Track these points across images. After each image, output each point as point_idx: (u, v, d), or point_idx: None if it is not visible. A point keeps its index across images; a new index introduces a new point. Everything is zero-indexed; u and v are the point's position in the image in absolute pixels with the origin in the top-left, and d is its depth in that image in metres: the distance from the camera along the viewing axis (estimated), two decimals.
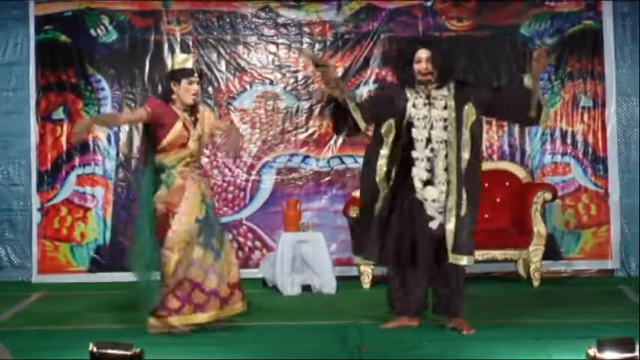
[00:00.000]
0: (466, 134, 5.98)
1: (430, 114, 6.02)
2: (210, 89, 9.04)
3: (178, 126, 6.14)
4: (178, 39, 9.04)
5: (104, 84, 9.02)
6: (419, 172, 6.02)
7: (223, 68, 9.08)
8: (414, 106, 6.04)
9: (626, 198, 8.95)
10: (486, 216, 8.27)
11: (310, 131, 9.08)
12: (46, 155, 8.95)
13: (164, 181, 6.16)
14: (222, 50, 9.08)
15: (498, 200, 8.66)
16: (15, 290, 8.31)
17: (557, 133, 9.03)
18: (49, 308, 7.53)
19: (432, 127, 6.01)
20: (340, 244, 8.85)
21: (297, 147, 9.08)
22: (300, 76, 9.09)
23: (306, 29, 9.11)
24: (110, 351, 4.21)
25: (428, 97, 6.05)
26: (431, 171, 6.01)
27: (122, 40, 9.03)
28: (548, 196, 8.30)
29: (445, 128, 6.00)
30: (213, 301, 6.14)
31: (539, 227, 8.18)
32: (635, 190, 8.94)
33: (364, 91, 8.94)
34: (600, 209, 8.97)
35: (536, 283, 8.16)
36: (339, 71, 8.90)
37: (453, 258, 5.95)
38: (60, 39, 8.98)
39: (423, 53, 6.01)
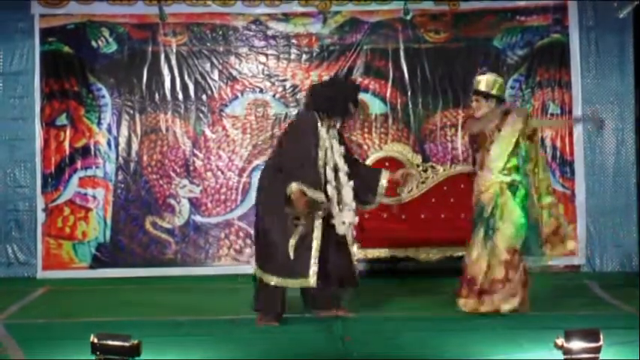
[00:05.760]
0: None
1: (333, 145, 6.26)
2: (203, 97, 9.03)
3: None
4: (174, 50, 9.02)
5: (104, 92, 8.98)
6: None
7: (216, 77, 9.05)
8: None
9: (591, 199, 8.97)
10: (463, 216, 8.24)
11: None
12: (50, 159, 8.91)
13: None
14: (215, 60, 9.05)
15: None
16: (21, 285, 8.28)
17: None
18: (53, 302, 7.53)
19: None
20: None
21: None
22: (288, 84, 9.08)
23: (293, 41, 9.10)
24: (109, 342, 4.19)
25: (338, 132, 6.33)
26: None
27: (121, 51, 9.00)
28: None
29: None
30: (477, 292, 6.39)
31: None
32: (599, 191, 8.96)
33: None
34: (567, 209, 8.98)
35: None
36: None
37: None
38: (63, 50, 8.95)
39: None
